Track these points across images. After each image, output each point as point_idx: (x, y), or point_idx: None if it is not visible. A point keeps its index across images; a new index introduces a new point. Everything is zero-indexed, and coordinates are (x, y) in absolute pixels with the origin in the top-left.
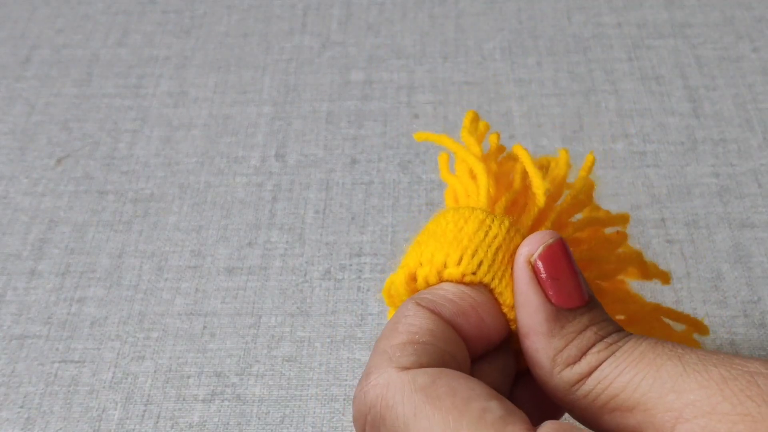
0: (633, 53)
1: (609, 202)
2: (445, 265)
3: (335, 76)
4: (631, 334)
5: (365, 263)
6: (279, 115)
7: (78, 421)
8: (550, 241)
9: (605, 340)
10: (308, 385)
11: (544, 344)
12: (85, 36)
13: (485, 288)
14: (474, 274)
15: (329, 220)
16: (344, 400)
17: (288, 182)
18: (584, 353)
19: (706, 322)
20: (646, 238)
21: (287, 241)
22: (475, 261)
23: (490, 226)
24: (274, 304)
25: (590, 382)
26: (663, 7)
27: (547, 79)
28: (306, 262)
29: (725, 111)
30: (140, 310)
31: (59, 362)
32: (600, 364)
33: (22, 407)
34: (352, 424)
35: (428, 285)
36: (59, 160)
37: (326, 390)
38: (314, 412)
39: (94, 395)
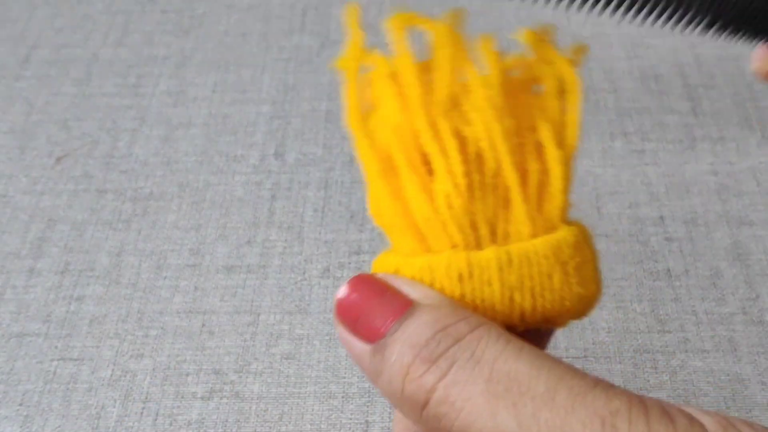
0: (632, 52)
1: (608, 200)
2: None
3: (334, 76)
4: (463, 332)
5: (364, 261)
6: (278, 114)
7: (77, 419)
8: (338, 295)
9: (421, 354)
10: (307, 383)
11: (379, 385)
12: (85, 35)
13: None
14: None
15: (328, 219)
16: (342, 397)
17: (287, 181)
18: (403, 379)
19: (705, 319)
20: (644, 236)
21: (286, 240)
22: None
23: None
24: (273, 302)
25: (431, 417)
26: None
27: None
28: (305, 261)
29: (724, 109)
30: (139, 308)
31: (58, 360)
32: (432, 393)
33: (21, 405)
34: (350, 421)
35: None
36: (58, 159)
37: (325, 387)
38: (313, 410)
39: (93, 393)
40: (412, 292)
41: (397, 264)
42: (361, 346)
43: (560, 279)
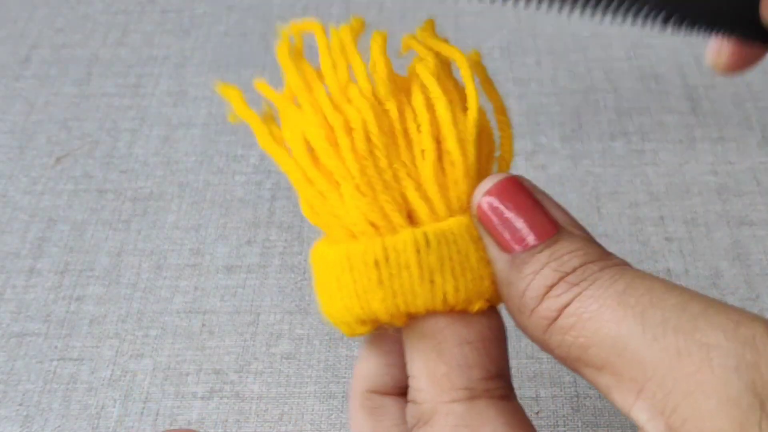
0: (632, 52)
1: (608, 200)
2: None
3: None
4: (607, 265)
5: None
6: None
7: (77, 419)
8: (487, 185)
9: (568, 278)
10: (307, 383)
11: (508, 293)
12: (85, 35)
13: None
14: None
15: None
16: (342, 397)
17: (287, 181)
18: (543, 297)
19: None
20: (644, 236)
21: (286, 240)
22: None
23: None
24: (273, 301)
25: (556, 330)
26: None
27: (546, 77)
28: (305, 260)
29: (724, 109)
30: (139, 308)
31: (58, 360)
32: (564, 308)
33: (20, 405)
34: (350, 421)
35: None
36: (58, 159)
37: (325, 387)
38: (313, 410)
39: (93, 393)
40: (560, 216)
41: (323, 250)
42: (496, 252)
43: (476, 257)
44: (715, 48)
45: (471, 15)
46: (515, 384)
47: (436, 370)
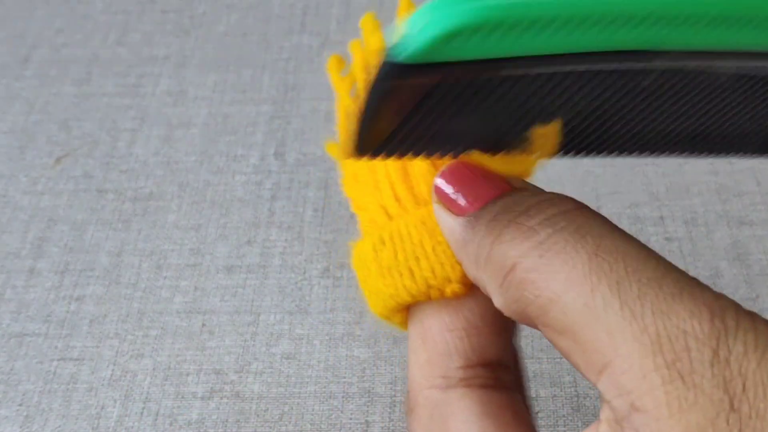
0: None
1: (608, 200)
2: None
3: None
4: (569, 208)
5: None
6: (278, 114)
7: (77, 419)
8: (442, 169)
9: (518, 219)
10: (307, 383)
11: (464, 254)
12: (85, 35)
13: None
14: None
15: (328, 219)
16: (343, 397)
17: (287, 181)
18: (493, 242)
19: None
20: (644, 236)
21: (286, 240)
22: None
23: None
24: (273, 301)
25: (514, 282)
26: None
27: None
28: (305, 260)
29: None
30: (139, 308)
31: (58, 360)
32: (519, 261)
33: (21, 405)
34: (350, 421)
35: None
36: (58, 159)
37: (325, 387)
38: (313, 410)
39: (93, 393)
40: (516, 182)
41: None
42: (452, 220)
43: (432, 243)
44: None
45: None
46: None
47: (420, 357)
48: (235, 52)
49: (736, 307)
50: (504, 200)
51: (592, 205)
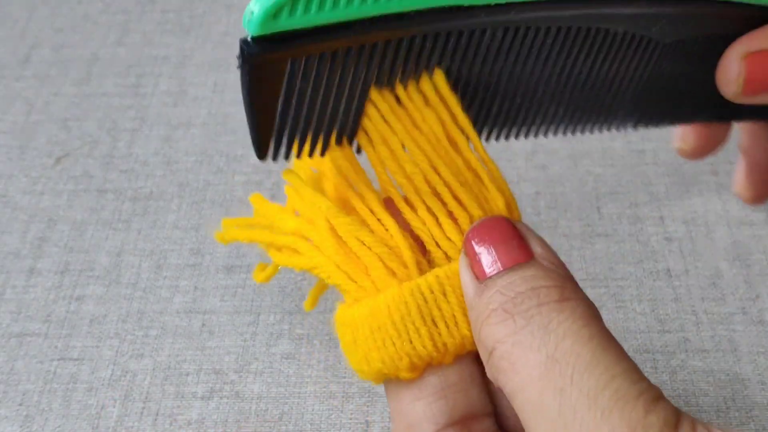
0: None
1: (608, 200)
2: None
3: None
4: (552, 300)
5: None
6: None
7: (77, 419)
8: (475, 225)
9: (505, 306)
10: (307, 383)
11: (471, 319)
12: (85, 35)
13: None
14: None
15: None
16: (342, 397)
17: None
18: (483, 322)
19: (705, 319)
20: (644, 236)
21: None
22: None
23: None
24: (273, 301)
25: (492, 366)
26: None
27: None
28: None
29: None
30: (139, 308)
31: (58, 360)
32: (498, 344)
33: (21, 405)
34: (350, 421)
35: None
36: (58, 159)
37: (325, 387)
38: (313, 409)
39: (93, 393)
40: (536, 247)
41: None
42: (468, 281)
43: (452, 308)
44: (680, 135)
45: None
46: None
47: (397, 427)
48: (235, 52)
49: (663, 425)
50: (512, 274)
51: (593, 205)
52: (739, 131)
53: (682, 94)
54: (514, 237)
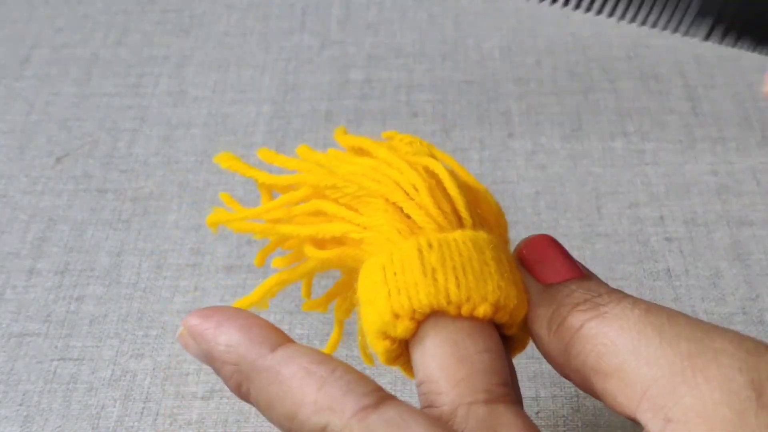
0: (632, 52)
1: (608, 200)
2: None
3: (334, 75)
4: (627, 298)
5: None
6: (278, 114)
7: (77, 419)
8: (529, 237)
9: (594, 299)
10: None
11: (539, 314)
12: (85, 35)
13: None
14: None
15: None
16: None
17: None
18: (571, 311)
19: (705, 319)
20: (644, 236)
21: None
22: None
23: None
24: (273, 301)
25: (579, 338)
26: None
27: (546, 77)
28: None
29: (724, 109)
30: (139, 308)
31: (58, 360)
32: (587, 323)
33: (21, 405)
34: None
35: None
36: (58, 159)
37: None
38: None
39: (93, 393)
40: (585, 270)
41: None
42: (531, 282)
43: (479, 261)
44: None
45: (471, 15)
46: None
47: (457, 374)
48: (235, 52)
49: (765, 342)
50: (582, 283)
51: (593, 205)
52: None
53: None
54: (566, 255)
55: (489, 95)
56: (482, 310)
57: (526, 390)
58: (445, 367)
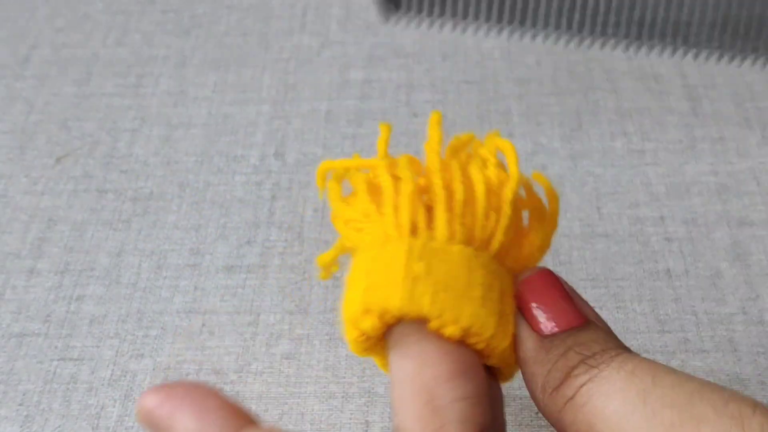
0: (632, 51)
1: (608, 200)
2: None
3: (334, 75)
4: (621, 353)
5: None
6: (278, 114)
7: (77, 419)
8: (528, 274)
9: (587, 361)
10: (307, 383)
11: (533, 371)
12: (85, 35)
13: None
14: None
15: (328, 219)
16: (342, 397)
17: (287, 181)
18: (567, 376)
19: (705, 320)
20: (644, 236)
21: (286, 240)
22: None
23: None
24: (273, 302)
25: (572, 406)
26: None
27: (546, 77)
28: (305, 261)
29: (724, 109)
30: (139, 308)
31: (58, 360)
32: (579, 390)
33: (21, 405)
34: (350, 421)
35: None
36: (58, 159)
37: (325, 387)
38: (313, 410)
39: (93, 393)
40: (587, 311)
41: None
42: (527, 332)
43: (466, 282)
44: None
45: None
46: (515, 384)
47: (431, 425)
48: (235, 52)
49: (754, 401)
50: (579, 337)
51: (593, 205)
52: None
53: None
54: (569, 296)
55: (489, 95)
56: (450, 330)
57: (527, 390)
58: (419, 417)
